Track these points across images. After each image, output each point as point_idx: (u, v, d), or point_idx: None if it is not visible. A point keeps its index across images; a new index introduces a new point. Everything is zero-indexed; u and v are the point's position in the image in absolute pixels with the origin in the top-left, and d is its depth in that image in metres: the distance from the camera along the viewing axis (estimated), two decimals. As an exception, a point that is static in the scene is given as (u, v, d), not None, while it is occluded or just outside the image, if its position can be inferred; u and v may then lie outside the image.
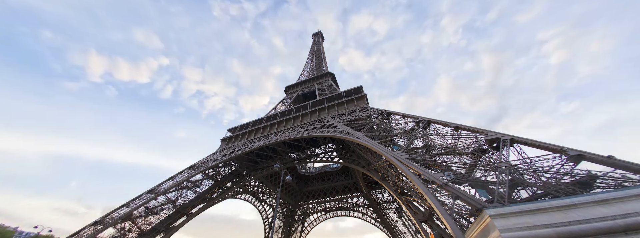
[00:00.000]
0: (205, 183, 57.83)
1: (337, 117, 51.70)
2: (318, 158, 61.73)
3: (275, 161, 62.83)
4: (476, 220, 15.48)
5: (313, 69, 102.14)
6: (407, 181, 36.06)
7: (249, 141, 59.46)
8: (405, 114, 40.57)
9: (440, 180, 21.57)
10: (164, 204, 50.16)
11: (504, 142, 23.87)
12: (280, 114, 63.12)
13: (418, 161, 26.99)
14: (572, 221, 12.31)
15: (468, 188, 22.19)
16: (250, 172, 65.37)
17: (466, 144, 27.27)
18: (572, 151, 19.67)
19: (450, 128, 32.01)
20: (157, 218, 49.63)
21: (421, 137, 32.46)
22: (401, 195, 38.93)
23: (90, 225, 42.99)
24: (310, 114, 57.89)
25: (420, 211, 34.81)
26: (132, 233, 45.85)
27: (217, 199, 60.13)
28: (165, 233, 50.64)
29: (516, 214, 13.37)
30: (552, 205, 13.17)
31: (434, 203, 20.26)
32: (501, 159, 22.24)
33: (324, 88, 75.98)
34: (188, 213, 54.48)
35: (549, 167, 19.70)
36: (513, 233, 12.56)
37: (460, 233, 17.53)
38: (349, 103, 55.20)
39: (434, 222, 31.49)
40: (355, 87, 57.28)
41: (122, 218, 43.16)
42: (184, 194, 53.80)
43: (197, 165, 57.45)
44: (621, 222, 11.61)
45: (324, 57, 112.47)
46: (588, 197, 13.13)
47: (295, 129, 54.30)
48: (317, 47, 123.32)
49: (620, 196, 12.62)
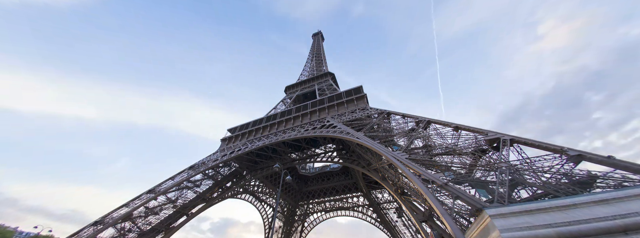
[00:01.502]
0: (205, 183, 57.83)
1: (337, 117, 51.69)
2: (318, 158, 61.72)
3: (275, 161, 62.82)
4: (476, 220, 15.49)
5: (313, 69, 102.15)
6: (407, 181, 36.07)
7: (249, 141, 59.45)
8: (405, 114, 40.57)
9: (440, 180, 21.58)
10: (164, 204, 50.16)
11: (504, 142, 23.88)
12: (280, 114, 63.11)
13: (418, 161, 26.99)
14: (572, 221, 12.31)
15: (468, 188, 22.18)
16: (250, 172, 65.35)
17: (466, 145, 27.28)
18: (572, 151, 19.69)
19: (450, 128, 32.03)
20: (157, 218, 49.62)
21: (421, 137, 32.46)
22: (401, 195, 38.96)
23: (90, 225, 43.00)
24: (310, 114, 57.89)
25: (420, 211, 34.84)
26: (132, 233, 45.83)
27: (217, 199, 60.12)
28: (165, 233, 50.64)
29: (516, 214, 13.38)
30: (552, 205, 13.17)
31: (434, 203, 20.27)
32: (501, 159, 22.25)
33: (324, 88, 75.96)
34: (188, 213, 54.49)
35: (549, 167, 19.72)
36: (513, 233, 12.57)
37: (460, 233, 17.54)
38: (349, 103, 55.19)
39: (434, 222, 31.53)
40: (355, 87, 57.28)
41: (122, 218, 43.16)
42: (184, 194, 53.79)
43: (197, 165, 57.46)
44: (621, 222, 11.62)
45: (324, 57, 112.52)
46: (588, 197, 13.14)
47: (295, 129, 54.29)
48: (317, 47, 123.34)
49: (620, 196, 12.63)
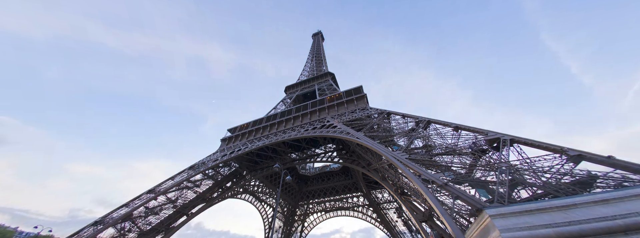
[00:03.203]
0: (205, 183, 57.82)
1: (337, 117, 51.67)
2: (318, 158, 61.71)
3: (275, 161, 62.81)
4: (476, 220, 15.48)
5: (313, 69, 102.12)
6: (407, 181, 36.06)
7: (249, 141, 59.44)
8: (405, 114, 40.53)
9: (440, 180, 21.57)
10: (164, 204, 50.15)
11: (504, 142, 23.86)
12: (280, 114, 63.09)
13: (418, 161, 26.97)
14: (572, 221, 12.30)
15: (468, 188, 22.16)
16: (250, 172, 65.34)
17: (466, 145, 27.25)
18: (572, 151, 19.66)
19: (450, 128, 32.00)
20: (157, 218, 49.60)
21: (421, 137, 32.44)
22: (401, 195, 38.94)
23: (90, 225, 42.98)
24: (310, 114, 57.87)
25: (420, 211, 34.83)
26: (132, 233, 45.82)
27: (217, 199, 60.10)
28: (165, 233, 50.63)
29: (516, 214, 13.36)
30: (552, 205, 13.16)
31: (434, 203, 20.25)
32: (501, 159, 22.23)
33: (323, 88, 75.93)
34: (188, 213, 54.47)
35: (549, 167, 19.69)
36: (513, 233, 12.55)
37: (460, 233, 17.53)
38: (349, 103, 55.17)
39: (434, 222, 31.53)
40: (355, 87, 57.27)
41: (122, 218, 43.13)
42: (184, 194, 53.78)
43: (197, 165, 57.43)
44: (621, 222, 11.60)
45: (324, 57, 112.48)
46: (588, 197, 13.13)
47: (295, 129, 54.28)
48: (317, 47, 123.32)
49: (620, 196, 12.62)
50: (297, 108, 61.78)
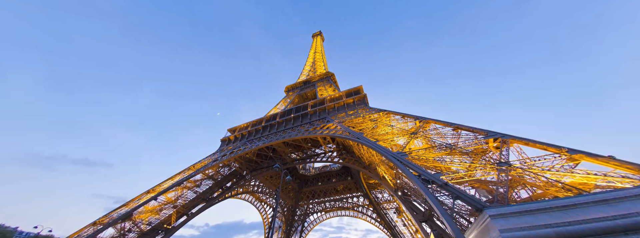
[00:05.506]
0: (205, 183, 57.79)
1: (337, 117, 51.67)
2: (318, 158, 61.68)
3: (275, 161, 62.81)
4: (476, 220, 15.48)
5: (313, 69, 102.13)
6: (407, 181, 36.04)
7: (249, 141, 59.42)
8: (405, 114, 40.52)
9: (440, 180, 21.56)
10: (164, 204, 50.12)
11: (504, 142, 23.87)
12: (280, 114, 63.08)
13: (418, 161, 26.97)
14: (572, 221, 12.31)
15: (468, 188, 22.17)
16: (250, 172, 65.31)
17: (466, 144, 27.26)
18: (572, 151, 19.67)
19: (450, 128, 32.00)
20: (157, 218, 49.58)
21: (421, 137, 32.44)
22: (401, 195, 38.92)
23: (90, 225, 42.99)
24: (310, 115, 57.86)
25: (420, 211, 34.81)
26: (132, 233, 45.81)
27: (217, 199, 60.04)
28: (165, 233, 50.61)
29: (516, 214, 13.37)
30: (552, 205, 13.17)
31: (433, 204, 20.24)
32: (501, 159, 22.24)
33: (324, 88, 75.92)
34: (188, 213, 54.45)
35: (549, 167, 19.70)
36: (513, 233, 12.56)
37: (460, 233, 17.51)
38: (349, 103, 55.18)
39: (434, 222, 31.52)
40: (356, 88, 57.28)
41: (122, 218, 43.13)
42: (184, 194, 53.76)
43: (196, 165, 57.42)
44: (621, 222, 11.61)
45: (324, 57, 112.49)
46: (588, 197, 13.13)
47: (295, 130, 54.26)
48: (317, 47, 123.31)
49: (620, 196, 12.62)
50: (297, 108, 61.76)
